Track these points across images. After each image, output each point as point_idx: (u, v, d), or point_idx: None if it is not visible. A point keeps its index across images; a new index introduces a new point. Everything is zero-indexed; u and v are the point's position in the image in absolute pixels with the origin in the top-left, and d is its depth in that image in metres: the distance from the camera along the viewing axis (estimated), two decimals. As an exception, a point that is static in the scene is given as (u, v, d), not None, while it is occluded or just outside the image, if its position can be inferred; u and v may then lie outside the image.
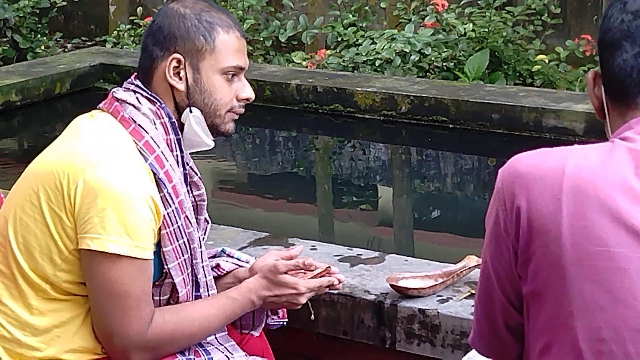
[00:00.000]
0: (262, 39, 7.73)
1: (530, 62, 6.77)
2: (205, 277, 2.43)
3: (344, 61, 6.91)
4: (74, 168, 2.22)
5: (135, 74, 2.42)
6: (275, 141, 6.56)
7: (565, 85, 6.58)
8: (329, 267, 2.53)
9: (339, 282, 2.54)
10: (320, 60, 7.09)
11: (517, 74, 6.70)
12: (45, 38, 8.61)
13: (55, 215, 2.23)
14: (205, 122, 2.40)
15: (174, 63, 2.35)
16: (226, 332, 2.50)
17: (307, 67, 7.06)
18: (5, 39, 8.38)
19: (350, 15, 7.62)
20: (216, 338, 2.46)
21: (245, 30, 7.70)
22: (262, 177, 6.03)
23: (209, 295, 2.43)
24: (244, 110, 2.45)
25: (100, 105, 2.39)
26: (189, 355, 2.37)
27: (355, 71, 6.77)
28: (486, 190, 5.50)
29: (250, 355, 2.51)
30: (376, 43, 6.88)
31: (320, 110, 6.21)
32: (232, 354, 2.44)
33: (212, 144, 2.44)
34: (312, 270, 2.51)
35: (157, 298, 2.35)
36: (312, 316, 2.67)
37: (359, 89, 6.11)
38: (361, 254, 3.11)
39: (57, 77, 6.66)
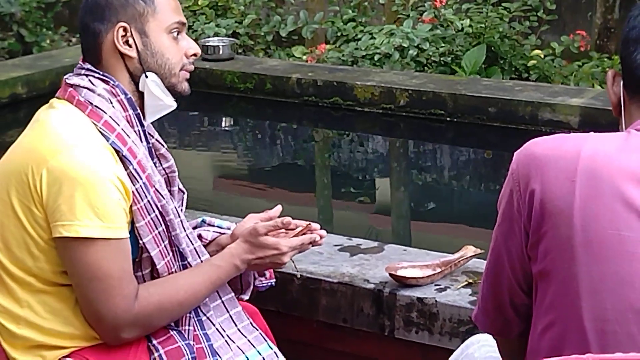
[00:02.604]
0: (263, 33, 7.75)
1: (526, 57, 6.76)
2: (192, 244, 2.41)
3: (343, 55, 6.92)
4: (36, 159, 2.20)
5: (82, 57, 2.38)
6: (276, 134, 6.55)
7: (560, 80, 6.58)
8: (309, 224, 2.49)
9: (321, 238, 2.49)
10: (320, 54, 7.10)
11: (513, 69, 6.68)
12: (50, 32, 8.62)
13: (26, 208, 2.22)
14: (163, 84, 2.37)
15: (121, 32, 2.32)
16: (233, 295, 2.49)
17: (307, 61, 7.07)
18: (11, 33, 8.41)
19: (350, 11, 7.63)
20: (223, 302, 2.46)
21: (247, 25, 7.75)
22: (262, 169, 6.02)
23: (201, 261, 2.41)
24: (193, 67, 2.43)
25: (57, 94, 2.36)
26: (188, 339, 2.37)
27: (355, 65, 6.77)
28: (482, 181, 5.52)
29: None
30: (375, 38, 6.89)
31: (320, 104, 6.22)
32: (233, 342, 2.43)
33: (175, 105, 2.41)
34: (293, 229, 2.48)
35: (140, 274, 2.33)
36: (299, 274, 2.68)
37: (358, 82, 6.10)
38: (361, 244, 3.13)
39: (63, 71, 6.63)
